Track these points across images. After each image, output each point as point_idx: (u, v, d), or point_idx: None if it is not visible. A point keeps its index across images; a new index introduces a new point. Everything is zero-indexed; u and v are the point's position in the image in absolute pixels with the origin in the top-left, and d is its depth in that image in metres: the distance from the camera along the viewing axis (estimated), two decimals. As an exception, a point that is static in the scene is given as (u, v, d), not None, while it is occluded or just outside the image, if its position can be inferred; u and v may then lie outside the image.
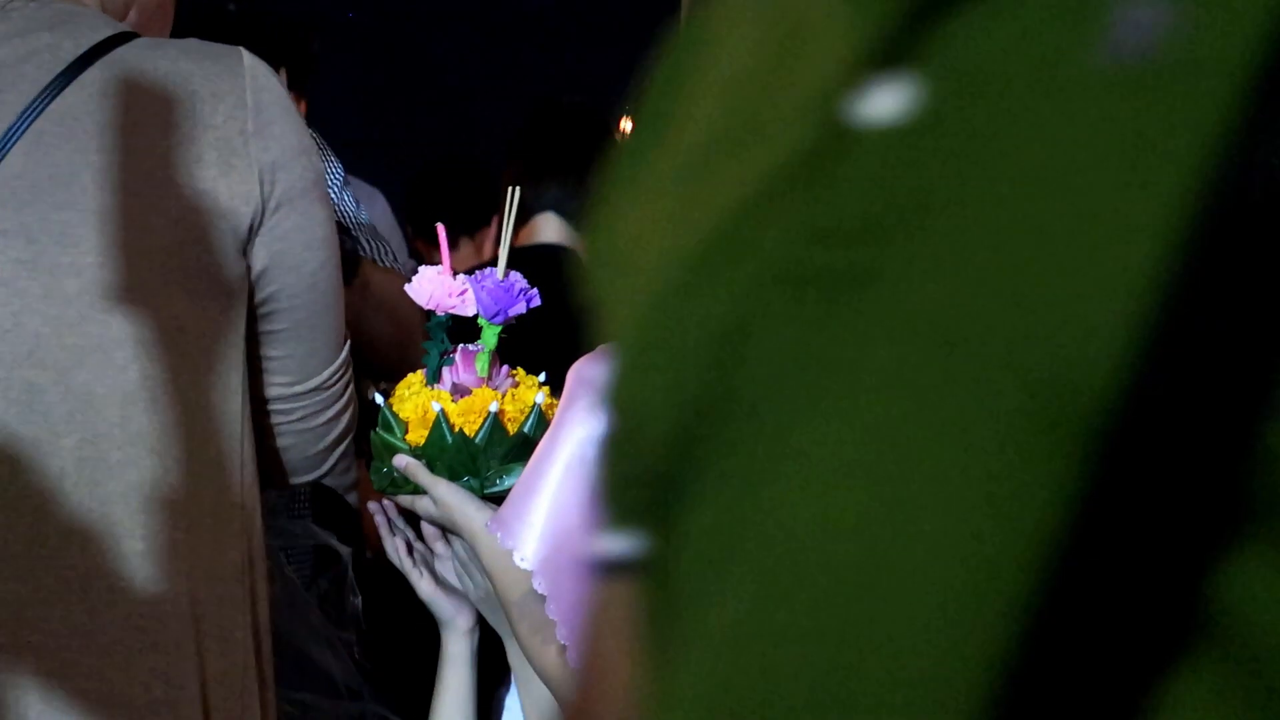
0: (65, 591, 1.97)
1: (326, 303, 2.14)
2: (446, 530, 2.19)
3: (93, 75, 1.99)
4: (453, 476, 2.09)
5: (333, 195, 2.44)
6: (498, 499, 2.05)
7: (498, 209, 3.85)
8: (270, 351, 2.13)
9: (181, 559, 2.01)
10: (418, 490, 2.13)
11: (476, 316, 2.18)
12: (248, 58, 2.04)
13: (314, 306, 2.12)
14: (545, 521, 1.95)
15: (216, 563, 2.03)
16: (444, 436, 2.09)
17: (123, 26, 2.07)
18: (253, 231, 2.03)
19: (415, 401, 2.15)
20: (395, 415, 2.15)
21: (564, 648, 1.94)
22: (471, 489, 2.08)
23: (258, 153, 2.01)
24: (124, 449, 1.98)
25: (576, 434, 1.96)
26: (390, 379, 2.38)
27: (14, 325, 1.97)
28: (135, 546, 1.98)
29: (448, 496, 2.09)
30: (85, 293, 1.98)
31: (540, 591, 1.94)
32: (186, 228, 1.98)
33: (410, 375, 2.21)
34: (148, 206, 1.97)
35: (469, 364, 2.18)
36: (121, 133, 1.98)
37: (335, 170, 2.58)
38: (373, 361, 2.49)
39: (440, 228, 2.20)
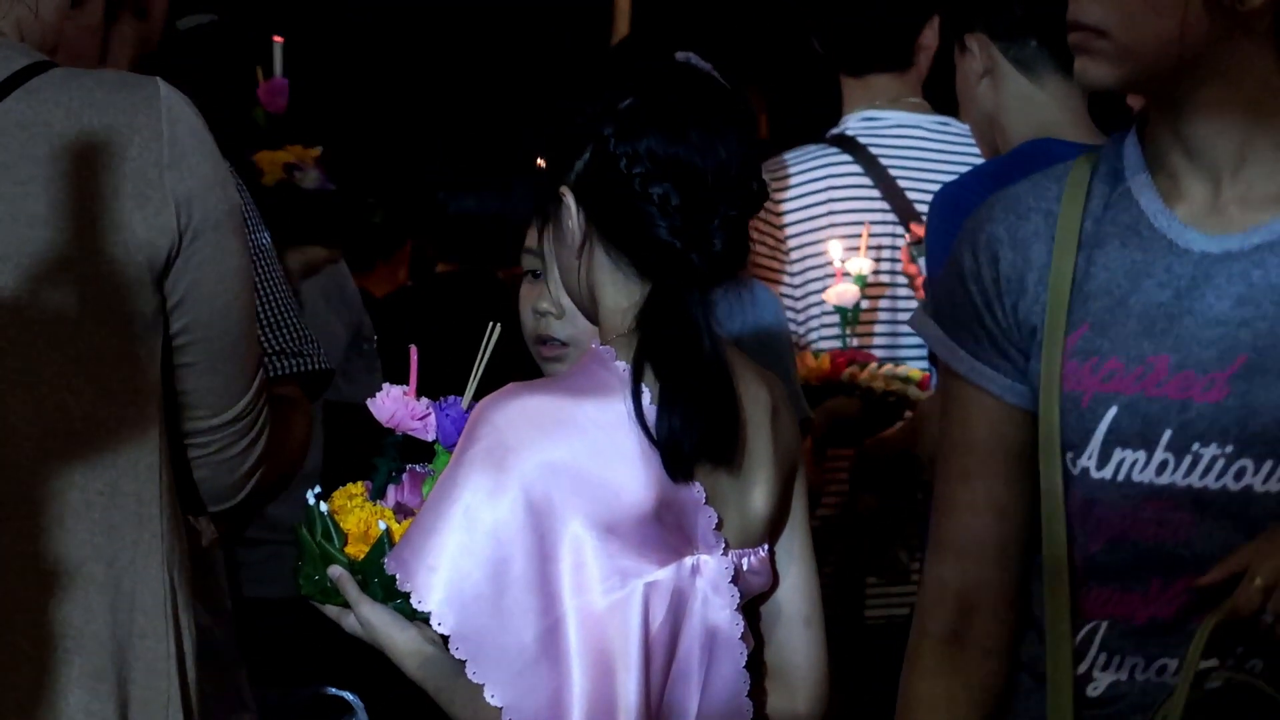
0: None
1: (240, 333, 2.13)
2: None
3: (7, 107, 1.98)
4: (388, 596, 2.08)
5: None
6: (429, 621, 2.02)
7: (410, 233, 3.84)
8: (186, 385, 2.11)
9: (101, 592, 2.00)
10: (345, 604, 2.12)
11: (434, 441, 2.19)
12: (164, 88, 2.03)
13: (228, 338, 2.11)
14: (449, 570, 1.95)
15: (138, 594, 2.02)
16: (384, 556, 2.07)
17: (39, 56, 2.05)
18: (169, 263, 2.02)
19: (359, 516, 2.14)
20: (337, 525, 2.14)
21: (499, 709, 1.94)
22: (403, 611, 2.07)
23: (173, 184, 2.00)
24: (44, 481, 1.98)
25: (474, 478, 1.95)
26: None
27: None
28: (59, 581, 1.98)
29: (371, 616, 2.09)
30: (2, 327, 1.96)
31: (459, 657, 1.95)
32: (102, 261, 1.98)
33: (350, 485, 2.21)
34: (62, 240, 1.96)
35: (415, 486, 2.19)
36: (35, 165, 1.97)
37: (245, 206, 2.55)
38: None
39: (413, 350, 2.22)
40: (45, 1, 2.11)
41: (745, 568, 2.04)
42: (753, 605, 2.10)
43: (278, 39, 3.40)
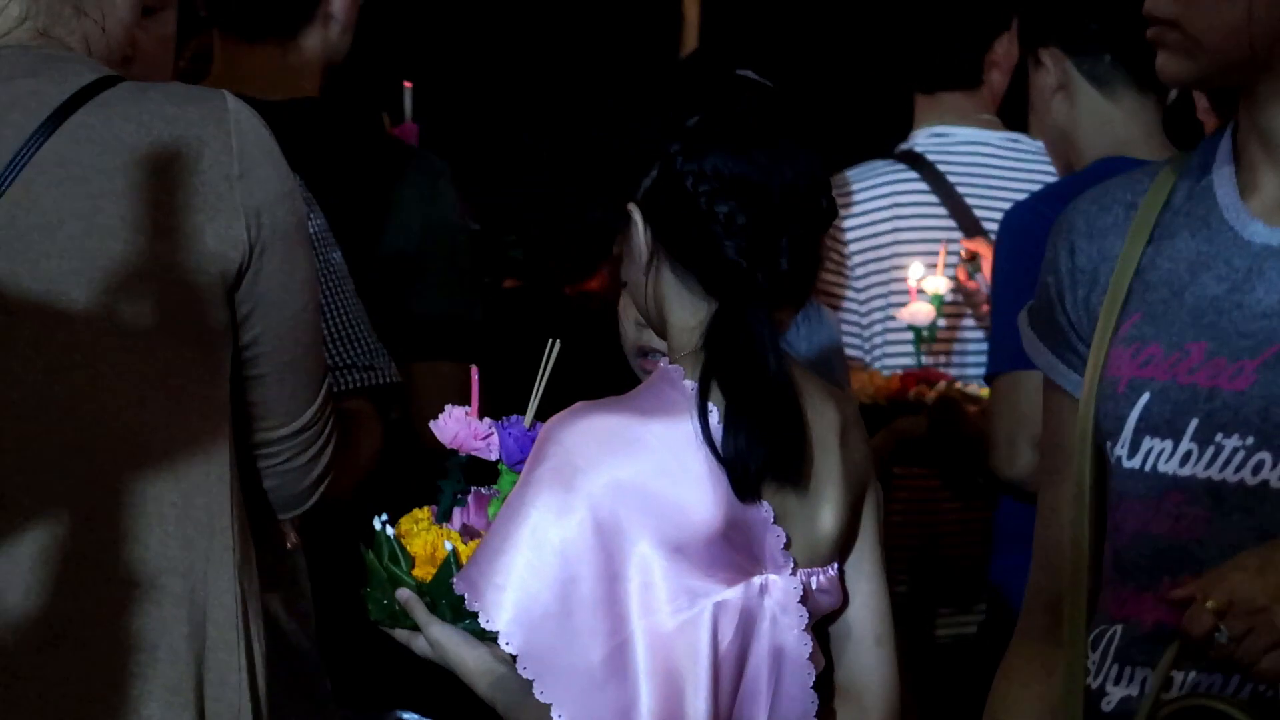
0: (60, 639, 1.97)
1: (307, 344, 2.14)
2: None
3: (78, 121, 1.99)
4: (456, 617, 2.08)
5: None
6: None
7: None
8: (254, 396, 2.12)
9: (177, 605, 2.01)
10: (414, 627, 2.12)
11: (498, 461, 2.18)
12: (231, 101, 2.04)
13: (296, 349, 2.12)
14: (516, 590, 1.95)
15: (210, 606, 2.03)
16: (452, 577, 2.07)
17: (106, 70, 2.06)
18: (240, 275, 2.03)
19: (424, 539, 2.15)
20: (403, 548, 2.14)
21: None
22: (473, 630, 2.06)
23: (243, 196, 2.01)
24: (119, 495, 1.98)
25: (542, 498, 1.95)
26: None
27: (3, 374, 1.97)
28: (130, 595, 1.99)
29: (441, 637, 2.09)
30: (74, 341, 1.97)
31: (526, 676, 1.94)
32: (175, 273, 1.99)
33: (417, 510, 2.21)
34: (135, 253, 1.97)
35: (481, 508, 2.19)
36: (107, 179, 1.98)
37: (318, 222, 2.56)
38: None
39: (473, 369, 2.22)
40: (112, 16, 2.13)
41: (814, 587, 2.03)
42: (822, 625, 2.09)
43: (407, 84, 3.44)
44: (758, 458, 1.95)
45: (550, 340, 2.20)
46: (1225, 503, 1.78)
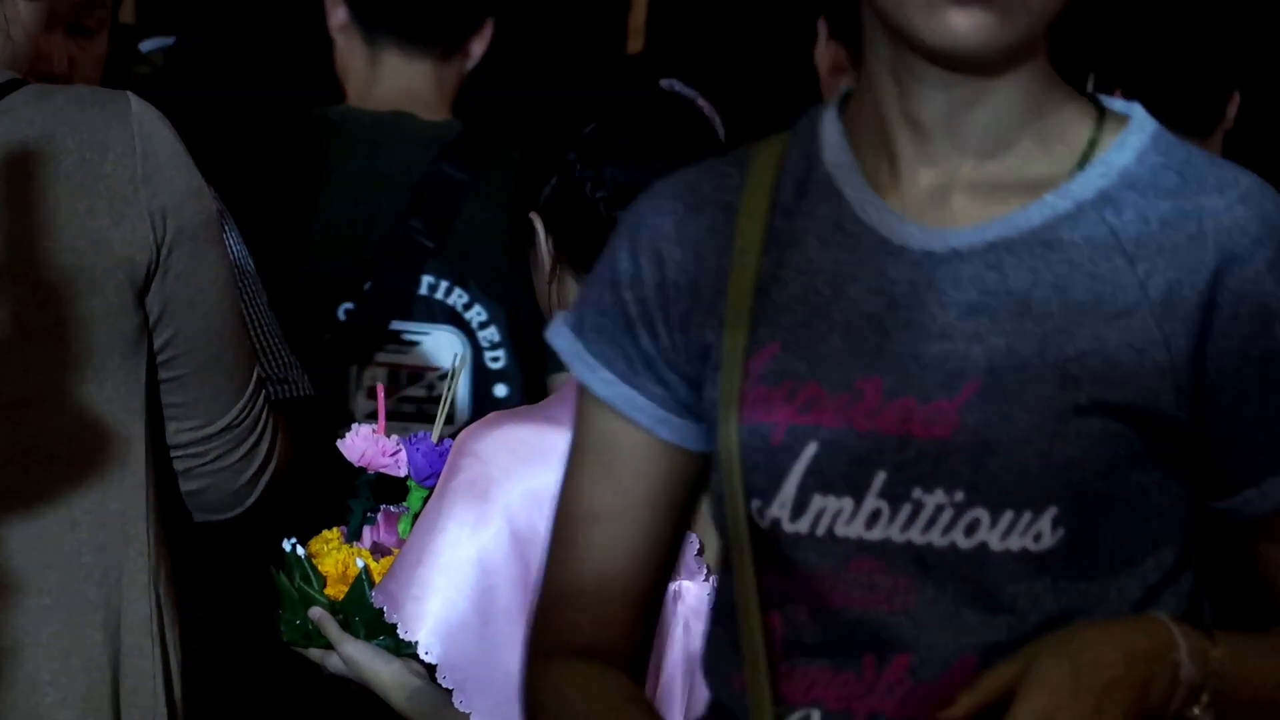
0: None
1: (225, 341, 2.12)
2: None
3: None
4: (369, 634, 2.08)
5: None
6: (415, 655, 2.03)
7: None
8: (175, 398, 2.10)
9: (92, 612, 2.01)
10: (327, 645, 2.12)
11: (406, 478, 2.18)
12: (135, 102, 2.03)
13: (213, 348, 2.10)
14: (435, 601, 1.95)
15: (125, 612, 2.03)
16: (364, 594, 2.08)
17: (10, 74, 2.05)
18: (149, 278, 2.02)
19: (335, 558, 2.15)
20: (315, 568, 2.15)
21: None
22: (386, 648, 2.07)
23: (147, 199, 2.00)
24: (29, 503, 1.98)
25: (458, 510, 1.95)
26: None
27: None
28: (43, 602, 1.99)
29: (355, 654, 2.09)
30: None
31: (446, 686, 1.94)
32: (84, 278, 1.98)
33: (326, 531, 2.21)
34: (42, 258, 1.96)
35: (391, 525, 2.18)
36: (10, 185, 1.97)
37: (233, 235, 2.56)
38: None
39: (380, 388, 2.23)
40: (16, 24, 2.12)
41: None
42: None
43: None
44: None
45: (455, 354, 2.20)
46: (933, 571, 1.45)
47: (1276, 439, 1.48)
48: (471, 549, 1.94)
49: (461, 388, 2.83)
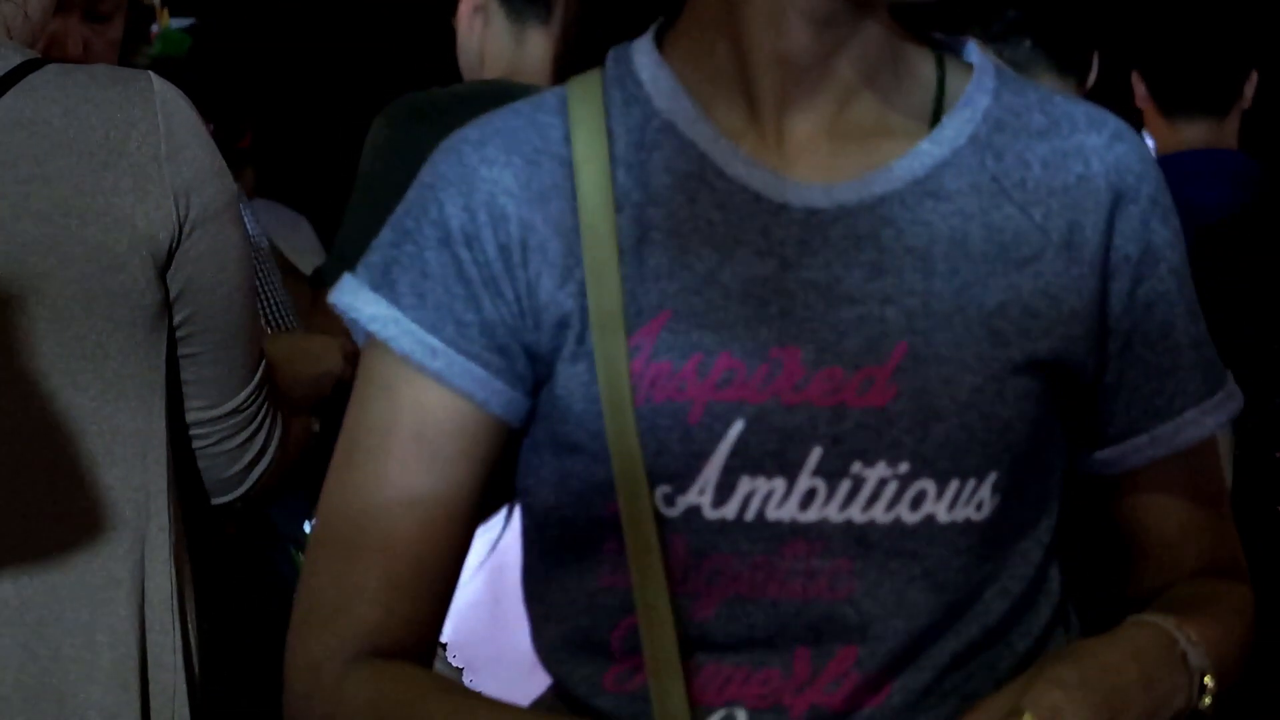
0: None
1: (241, 324, 2.13)
2: None
3: (5, 105, 1.99)
4: None
5: None
6: None
7: None
8: (187, 375, 2.12)
9: (116, 588, 2.02)
10: None
11: None
12: (158, 82, 2.04)
13: (230, 328, 2.12)
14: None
15: (147, 587, 2.04)
16: None
17: (31, 53, 2.07)
18: (171, 254, 2.03)
19: None
20: None
21: None
22: None
23: (171, 176, 2.01)
24: (55, 479, 1.99)
25: None
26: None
27: None
28: (68, 578, 2.00)
29: None
30: (7, 325, 1.97)
31: (456, 665, 1.95)
32: (107, 255, 1.99)
33: None
34: (66, 236, 1.98)
35: None
36: (36, 162, 1.98)
37: (247, 214, 2.57)
38: None
39: None
40: (34, 2, 2.13)
41: None
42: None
43: None
44: None
45: None
46: (876, 550, 1.34)
47: (1166, 383, 1.44)
48: (481, 528, 1.95)
49: None
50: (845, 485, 1.34)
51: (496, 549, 1.94)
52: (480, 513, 1.46)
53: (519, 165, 1.38)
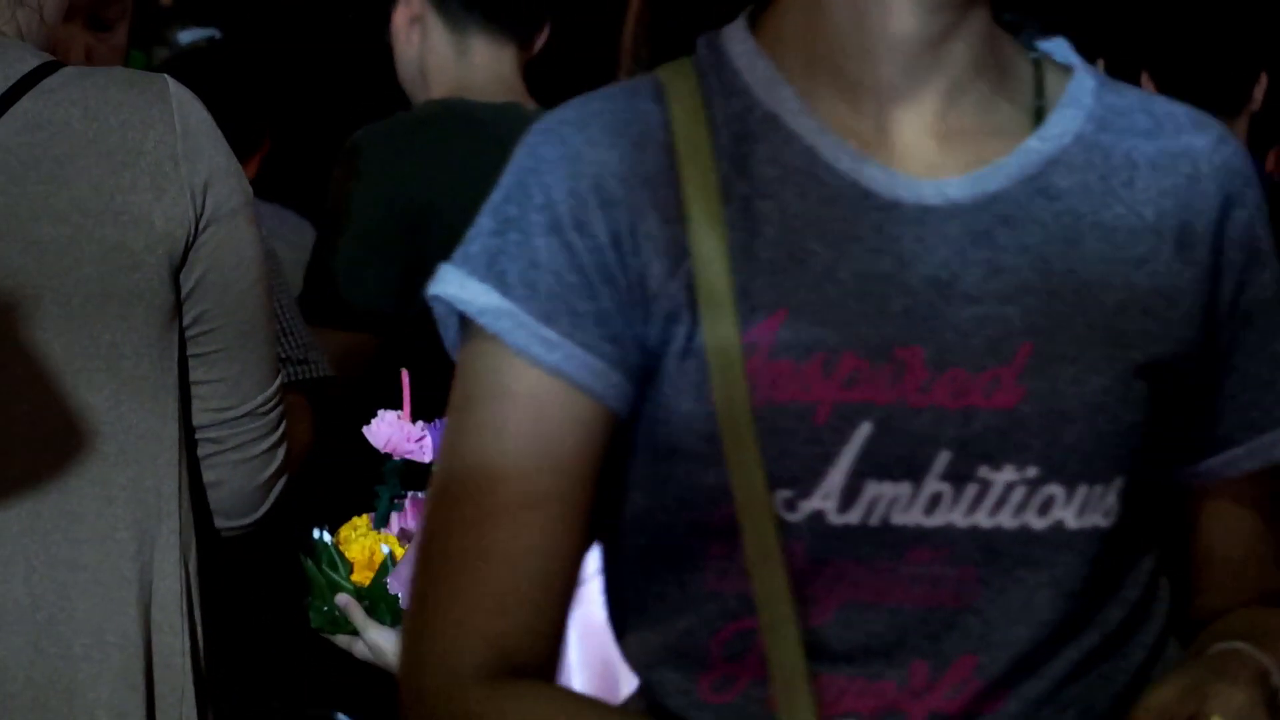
0: (8, 623, 1.99)
1: (257, 322, 2.13)
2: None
3: (24, 107, 2.01)
4: (395, 620, 2.10)
5: None
6: None
7: None
8: (202, 375, 2.11)
9: (127, 588, 2.02)
10: (354, 632, 2.15)
11: (432, 464, 2.15)
12: (172, 84, 2.06)
13: (244, 326, 2.12)
14: None
15: (157, 588, 2.04)
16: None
17: (47, 56, 2.08)
18: (186, 254, 2.04)
19: (362, 544, 2.17)
20: (342, 555, 2.16)
21: None
22: None
23: (188, 174, 2.02)
24: (69, 478, 2.00)
25: None
26: None
27: None
28: (79, 577, 2.00)
29: (380, 641, 2.11)
30: (24, 323, 1.98)
31: None
32: (124, 255, 2.00)
33: (356, 518, 2.22)
34: (84, 236, 1.99)
35: (418, 511, 2.19)
36: (56, 163, 2.00)
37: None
38: None
39: (404, 373, 2.22)
40: (49, 5, 2.14)
41: None
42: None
43: None
44: None
45: None
46: (1004, 556, 1.30)
47: (1264, 395, 1.40)
48: None
49: None
50: (971, 490, 1.30)
51: None
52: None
53: (625, 148, 1.31)
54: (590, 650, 1.92)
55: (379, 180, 2.91)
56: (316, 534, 2.17)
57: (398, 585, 2.01)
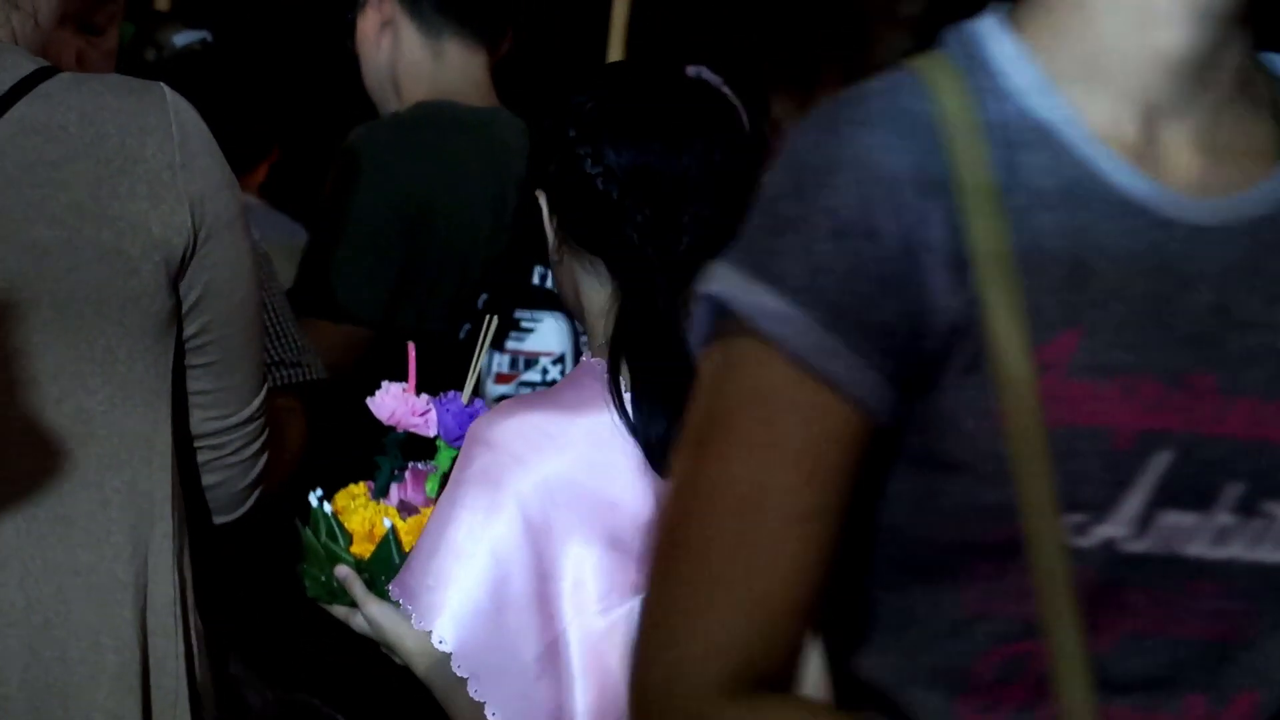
0: (5, 627, 1.98)
1: (253, 332, 2.16)
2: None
3: (20, 112, 2.01)
4: None
5: None
6: None
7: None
8: (203, 385, 2.13)
9: (122, 591, 2.03)
10: (353, 604, 2.13)
11: (436, 437, 2.19)
12: (168, 92, 2.06)
13: (242, 336, 2.14)
14: (449, 589, 1.96)
15: (151, 591, 2.05)
16: (391, 555, 2.10)
17: (43, 62, 2.08)
18: (185, 262, 2.05)
19: (362, 515, 2.15)
20: (341, 525, 2.15)
21: None
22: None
23: (185, 184, 2.03)
24: (64, 481, 2.01)
25: (470, 499, 1.96)
26: None
27: None
28: (74, 581, 2.01)
29: (379, 615, 2.09)
30: (20, 327, 1.98)
31: (461, 674, 1.95)
32: (120, 261, 2.01)
33: (353, 485, 2.22)
34: (81, 241, 1.99)
35: (419, 483, 2.19)
36: (52, 167, 2.00)
37: None
38: None
39: (411, 346, 2.23)
40: (44, 9, 2.14)
41: None
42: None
43: None
44: (669, 432, 1.93)
45: (487, 317, 2.20)
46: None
47: None
48: (485, 537, 1.95)
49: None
50: (1257, 524, 1.27)
51: (499, 559, 1.95)
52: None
53: (908, 153, 1.24)
54: (589, 657, 1.94)
55: (377, 180, 2.93)
56: (313, 500, 2.16)
57: (398, 592, 2.00)
